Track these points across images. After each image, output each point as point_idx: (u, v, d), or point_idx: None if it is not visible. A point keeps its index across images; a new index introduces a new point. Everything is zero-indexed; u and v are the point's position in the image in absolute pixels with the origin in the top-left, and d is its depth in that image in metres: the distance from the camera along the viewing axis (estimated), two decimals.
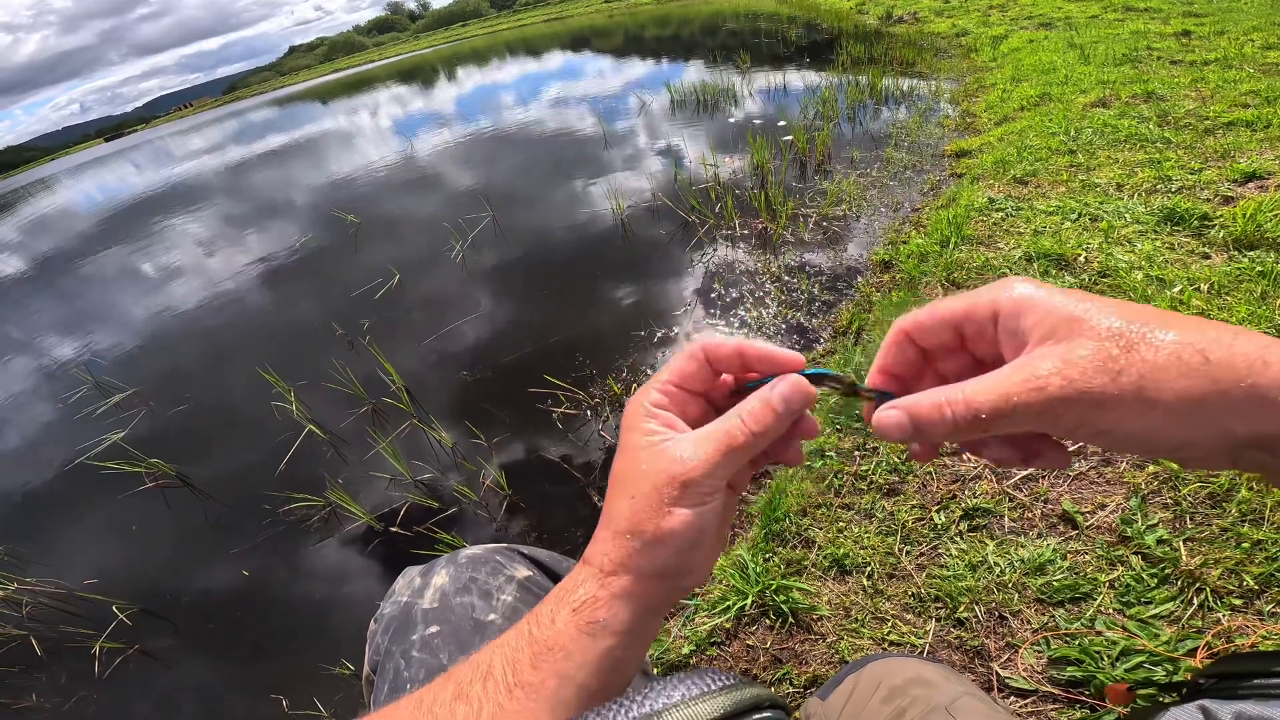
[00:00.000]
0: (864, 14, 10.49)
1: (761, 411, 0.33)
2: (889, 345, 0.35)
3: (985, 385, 0.29)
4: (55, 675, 1.87)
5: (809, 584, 1.27)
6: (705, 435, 0.33)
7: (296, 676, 1.64)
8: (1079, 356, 0.27)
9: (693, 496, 0.32)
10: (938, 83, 5.09)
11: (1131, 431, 0.27)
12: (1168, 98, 3.08)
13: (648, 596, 0.33)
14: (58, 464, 2.97)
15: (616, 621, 0.32)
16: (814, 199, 3.40)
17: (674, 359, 0.36)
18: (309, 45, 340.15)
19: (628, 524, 0.33)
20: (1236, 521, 1.08)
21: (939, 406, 0.30)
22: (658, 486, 0.32)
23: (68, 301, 5.99)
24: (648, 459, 0.33)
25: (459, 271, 3.79)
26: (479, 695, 0.31)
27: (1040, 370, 0.27)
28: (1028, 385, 0.27)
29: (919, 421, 0.30)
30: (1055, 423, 0.28)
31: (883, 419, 0.32)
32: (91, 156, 55.55)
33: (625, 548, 0.32)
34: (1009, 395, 0.28)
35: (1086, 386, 0.26)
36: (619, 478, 0.34)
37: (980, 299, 0.32)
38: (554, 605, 0.33)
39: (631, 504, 0.33)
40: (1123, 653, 0.96)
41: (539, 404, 2.32)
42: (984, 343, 0.32)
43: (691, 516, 0.32)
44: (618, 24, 24.91)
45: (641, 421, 0.35)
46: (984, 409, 0.28)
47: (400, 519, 2.00)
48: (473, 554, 0.69)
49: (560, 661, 0.31)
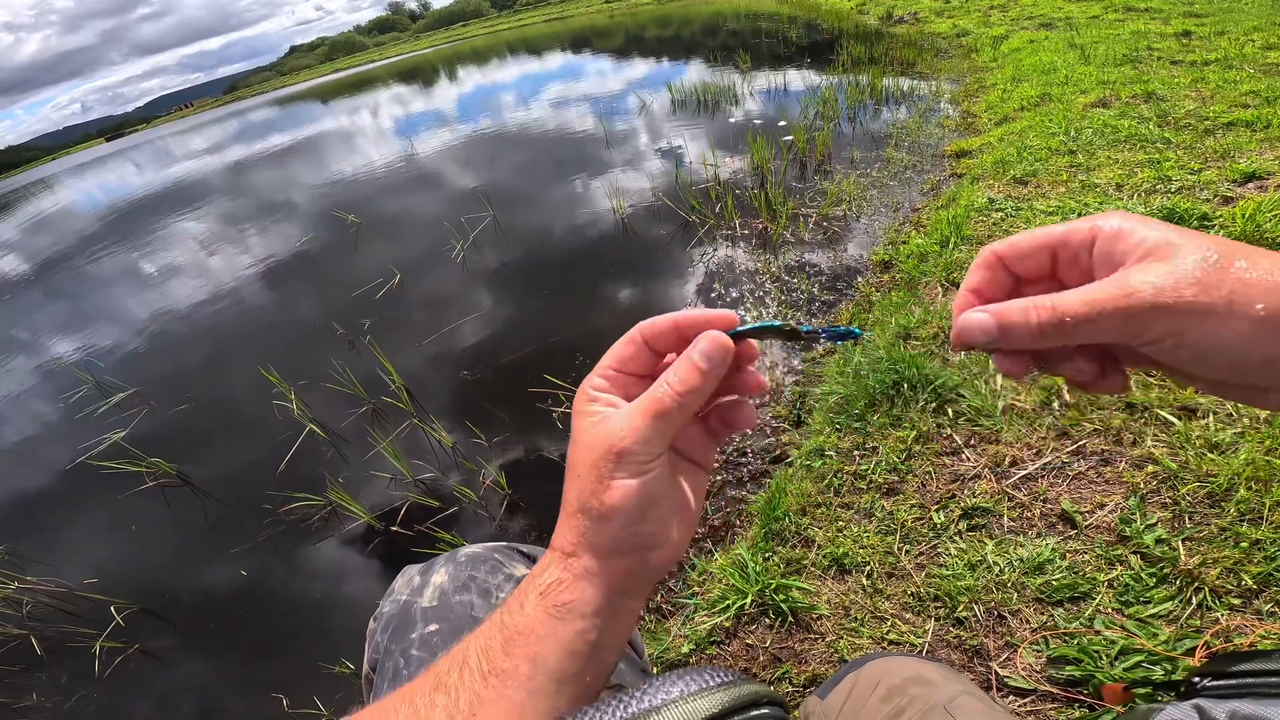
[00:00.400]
0: (864, 14, 10.49)
1: (686, 371, 0.33)
2: (978, 267, 0.35)
3: (1074, 294, 0.30)
4: (55, 674, 1.87)
5: (808, 583, 1.27)
6: (634, 404, 0.34)
7: (296, 676, 1.64)
8: (1173, 270, 0.28)
9: (629, 466, 0.32)
10: (938, 83, 5.09)
11: (1217, 344, 0.27)
12: (1168, 98, 3.08)
13: (610, 575, 0.33)
14: (58, 463, 2.97)
15: (583, 603, 0.32)
16: (814, 199, 3.40)
17: (614, 346, 0.37)
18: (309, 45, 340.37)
19: (576, 503, 0.33)
20: (1235, 521, 1.08)
21: (1025, 310, 0.30)
22: (594, 462, 0.33)
23: (69, 301, 5.99)
24: (587, 438, 0.34)
25: (460, 271, 3.79)
26: (455, 684, 0.31)
27: (1132, 281, 0.28)
28: (1118, 293, 0.28)
29: (1004, 322, 0.31)
30: (1141, 331, 0.28)
31: (968, 320, 0.32)
32: (92, 156, 55.60)
33: (578, 527, 0.33)
34: (1097, 302, 0.29)
35: (1178, 296, 0.27)
36: (568, 463, 0.35)
37: (1079, 225, 0.32)
38: (523, 591, 0.34)
39: (577, 483, 0.33)
40: (1121, 652, 0.96)
41: (539, 403, 2.32)
42: (1076, 270, 0.33)
43: (633, 485, 0.32)
44: (618, 24, 24.92)
45: (584, 406, 0.35)
46: (1070, 313, 0.29)
47: (400, 518, 2.00)
48: (472, 552, 0.70)
49: (531, 646, 0.31)
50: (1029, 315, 0.30)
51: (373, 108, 17.11)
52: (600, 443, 0.33)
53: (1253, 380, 0.28)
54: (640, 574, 0.34)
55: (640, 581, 0.34)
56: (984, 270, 0.35)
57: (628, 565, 0.33)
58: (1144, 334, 0.28)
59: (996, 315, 0.31)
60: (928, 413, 1.56)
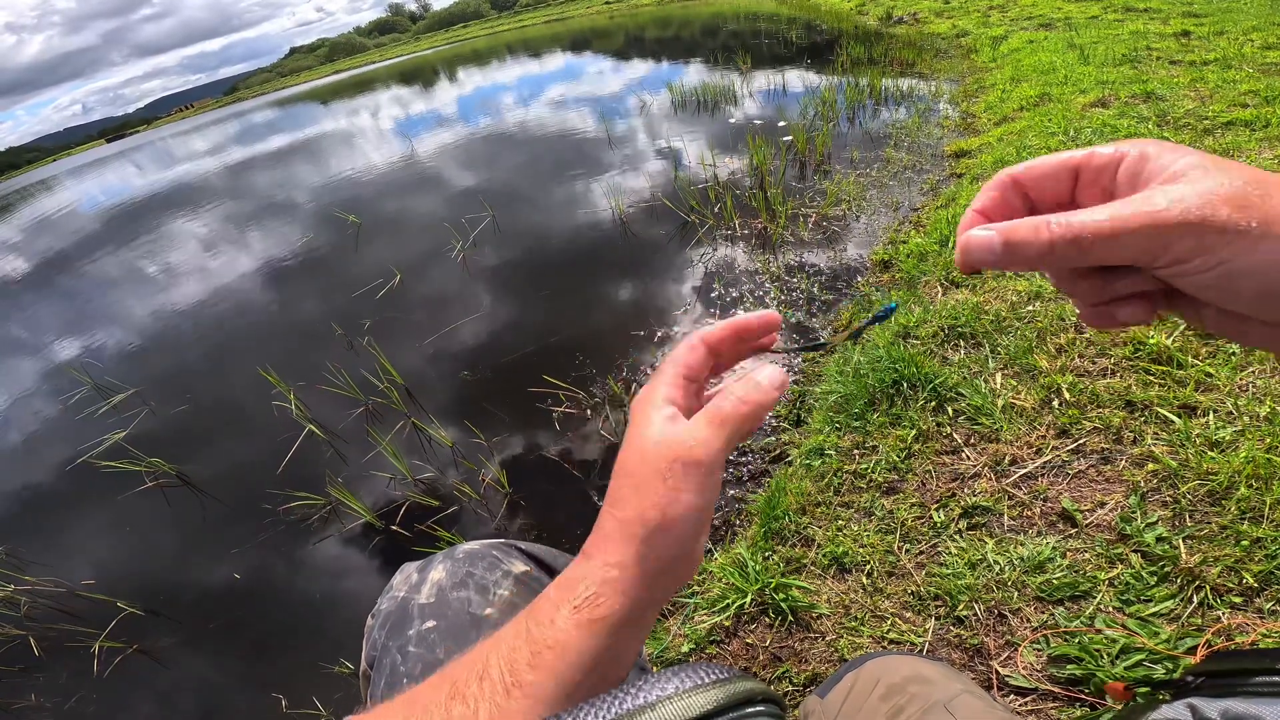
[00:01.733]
0: (864, 15, 10.49)
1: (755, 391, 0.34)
2: (990, 188, 0.33)
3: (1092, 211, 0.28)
4: (54, 675, 1.87)
5: (808, 582, 1.27)
6: (701, 416, 0.33)
7: (296, 675, 1.64)
8: (1203, 190, 0.26)
9: (696, 477, 0.32)
10: (937, 83, 5.09)
11: (1249, 266, 0.25)
12: (1167, 98, 3.08)
13: (650, 588, 0.32)
14: (58, 464, 2.97)
15: (617, 618, 0.31)
16: (814, 199, 3.40)
17: (678, 352, 0.37)
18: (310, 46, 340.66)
19: (634, 512, 0.32)
20: (1236, 519, 1.08)
21: (1035, 227, 0.28)
22: (660, 471, 0.32)
23: (69, 302, 5.99)
24: (651, 446, 0.33)
25: (460, 271, 3.79)
26: (475, 695, 0.31)
27: (1158, 198, 0.27)
28: (1142, 209, 0.27)
29: (1010, 239, 0.29)
30: (1165, 249, 0.26)
31: (972, 238, 0.30)
32: (93, 158, 55.64)
33: (631, 538, 0.32)
34: (1121, 217, 0.27)
35: (1210, 214, 0.25)
36: (624, 468, 0.34)
37: (1105, 147, 0.31)
38: (554, 603, 0.33)
39: (636, 492, 0.32)
40: (1122, 651, 0.96)
41: (539, 403, 2.32)
42: (1097, 191, 0.31)
43: (696, 500, 0.32)
44: (618, 25, 24.94)
45: (651, 411, 0.34)
46: (1087, 230, 0.27)
47: (400, 517, 2.00)
48: (470, 549, 0.69)
49: (559, 661, 0.31)
50: (1039, 232, 0.28)
51: (373, 109, 17.13)
52: (668, 451, 0.32)
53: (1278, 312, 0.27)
54: (670, 586, 0.34)
55: (668, 593, 0.34)
56: (995, 191, 0.33)
57: (667, 579, 0.33)
58: (1168, 252, 0.26)
59: (1003, 233, 0.29)
60: (927, 411, 1.56)
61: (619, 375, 2.37)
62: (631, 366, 2.42)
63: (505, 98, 11.74)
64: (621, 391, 2.27)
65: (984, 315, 1.84)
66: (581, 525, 1.81)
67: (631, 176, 4.74)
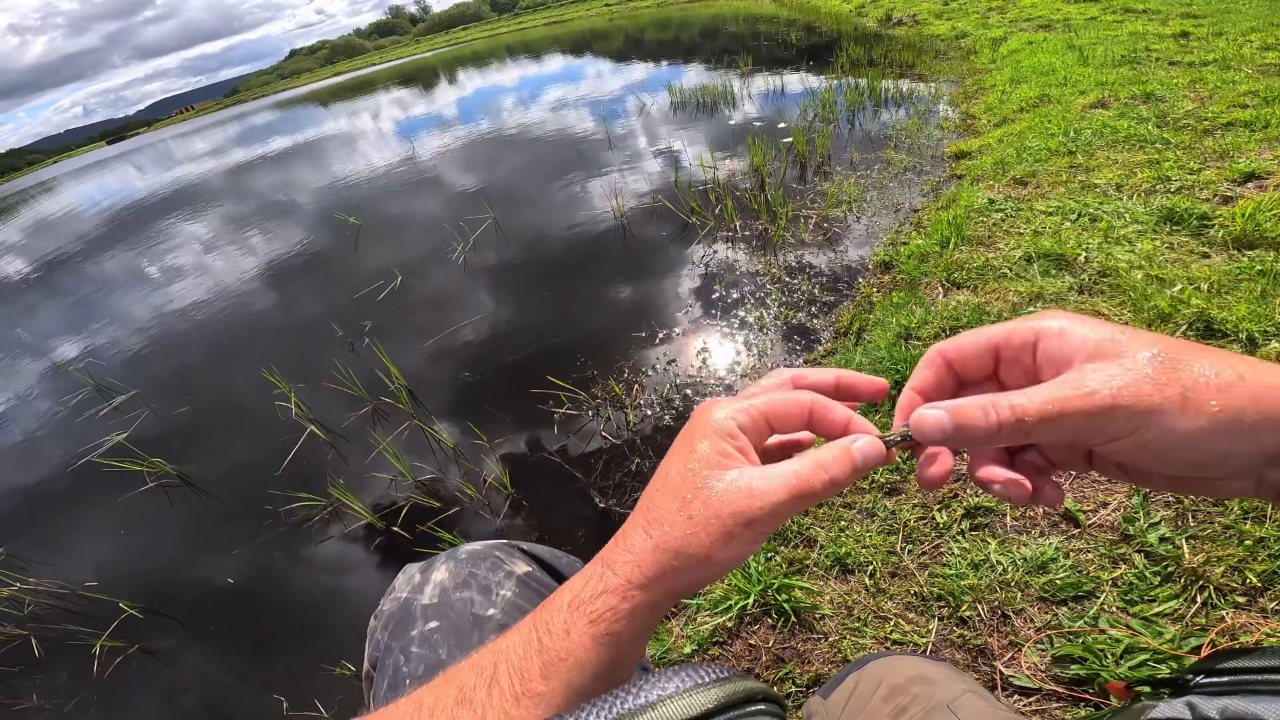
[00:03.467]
0: (863, 17, 10.51)
1: (842, 462, 0.32)
2: (924, 367, 0.36)
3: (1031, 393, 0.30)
4: (55, 675, 1.87)
5: (811, 583, 1.27)
6: (780, 474, 0.31)
7: (297, 677, 1.63)
8: (1126, 369, 0.28)
9: (753, 533, 0.31)
10: (937, 85, 5.10)
11: (1178, 441, 0.28)
12: (1166, 99, 3.08)
13: (666, 609, 0.33)
14: (60, 464, 2.97)
15: (631, 631, 0.32)
16: (814, 200, 3.40)
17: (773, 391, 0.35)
18: (310, 48, 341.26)
19: (677, 542, 0.31)
20: (1239, 519, 1.08)
21: (984, 408, 0.30)
22: (721, 516, 0.31)
23: (70, 303, 5.99)
24: (716, 482, 0.32)
25: (461, 273, 3.79)
26: (484, 702, 0.31)
27: (1087, 381, 0.29)
28: (1077, 393, 0.28)
29: (961, 421, 0.30)
30: (1100, 430, 0.28)
31: (924, 417, 0.31)
32: (94, 159, 55.71)
33: (664, 564, 0.31)
34: (1057, 401, 0.29)
35: (1135, 395, 0.28)
36: (676, 486, 0.32)
37: (1020, 325, 0.33)
38: (568, 614, 0.32)
39: (687, 524, 0.31)
40: (1126, 651, 0.95)
41: (540, 404, 2.32)
42: (1017, 370, 0.33)
43: (745, 551, 0.31)
44: (618, 27, 24.99)
45: (720, 438, 0.33)
46: (1030, 413, 0.29)
47: (402, 518, 2.00)
48: (472, 550, 0.69)
49: (571, 672, 0.31)
50: (988, 414, 0.30)
51: (373, 110, 17.15)
52: (734, 501, 0.31)
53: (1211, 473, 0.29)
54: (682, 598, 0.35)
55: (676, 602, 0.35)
56: (928, 370, 0.35)
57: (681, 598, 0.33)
58: (1103, 433, 0.28)
59: (953, 413, 0.31)
60: None
61: (620, 376, 2.37)
62: (633, 368, 2.42)
63: (505, 100, 11.76)
64: (623, 393, 2.27)
65: (986, 316, 1.84)
66: (583, 526, 1.81)
67: (632, 178, 4.75)
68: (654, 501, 0.33)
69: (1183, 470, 0.29)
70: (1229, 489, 0.30)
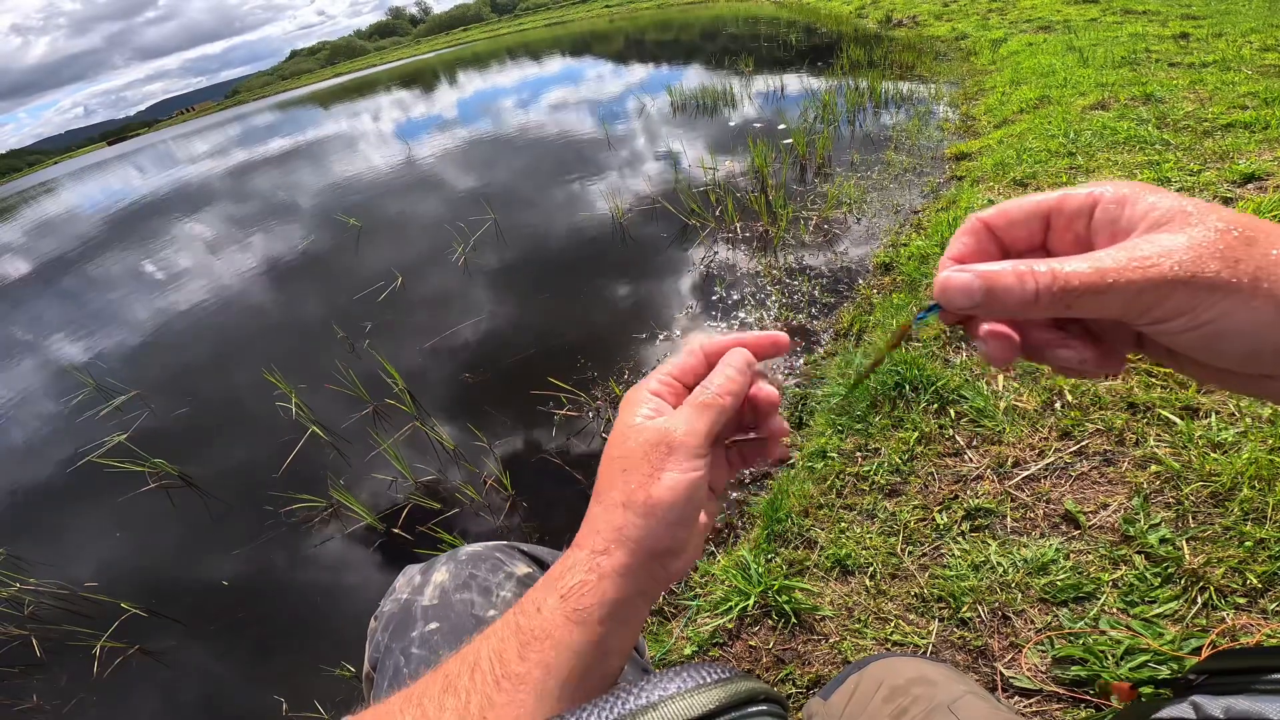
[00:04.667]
0: (863, 18, 10.52)
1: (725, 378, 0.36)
2: (962, 233, 0.32)
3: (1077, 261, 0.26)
4: (55, 676, 1.87)
5: (811, 584, 1.27)
6: (684, 405, 0.35)
7: (297, 677, 1.63)
8: (1194, 241, 0.25)
9: (681, 460, 0.33)
10: (937, 86, 5.10)
11: (1237, 325, 0.25)
12: (1166, 100, 3.08)
13: (639, 577, 0.32)
14: (61, 465, 2.97)
15: (603, 606, 0.32)
16: (814, 202, 3.40)
17: (676, 355, 0.39)
18: (310, 49, 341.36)
19: (622, 495, 0.33)
20: (1239, 520, 1.08)
21: (1019, 274, 0.27)
22: (647, 454, 0.33)
23: (71, 303, 6.00)
24: (638, 432, 0.34)
25: (461, 274, 3.80)
26: (466, 687, 0.31)
27: (1146, 250, 0.25)
28: (1131, 262, 0.25)
29: (992, 285, 0.27)
30: (1154, 306, 0.25)
31: (951, 279, 0.28)
32: (95, 160, 55.74)
33: (616, 521, 0.33)
34: (1107, 270, 0.26)
35: (1201, 270, 0.24)
36: (610, 455, 0.35)
37: (1077, 191, 0.29)
38: (541, 593, 0.33)
39: (624, 476, 0.34)
40: (1127, 652, 0.95)
41: (541, 405, 2.32)
42: (1070, 238, 0.30)
43: (682, 481, 0.33)
44: (618, 29, 25.01)
45: (637, 405, 0.36)
46: (1074, 281, 0.26)
47: (402, 519, 2.00)
48: (473, 551, 0.70)
49: (548, 650, 0.31)
50: (1024, 280, 0.27)
51: (374, 112, 17.17)
52: (655, 435, 0.34)
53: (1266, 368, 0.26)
54: (660, 577, 0.34)
55: (657, 584, 0.34)
56: (968, 237, 0.32)
57: (655, 568, 0.33)
58: (1154, 310, 0.25)
59: (984, 277, 0.27)
60: (929, 414, 1.56)
61: (620, 378, 2.37)
62: (634, 369, 2.41)
63: (505, 101, 11.77)
64: (623, 394, 2.26)
65: None
66: None
67: (632, 179, 4.75)
68: (600, 479, 0.35)
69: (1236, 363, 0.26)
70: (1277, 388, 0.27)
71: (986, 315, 0.29)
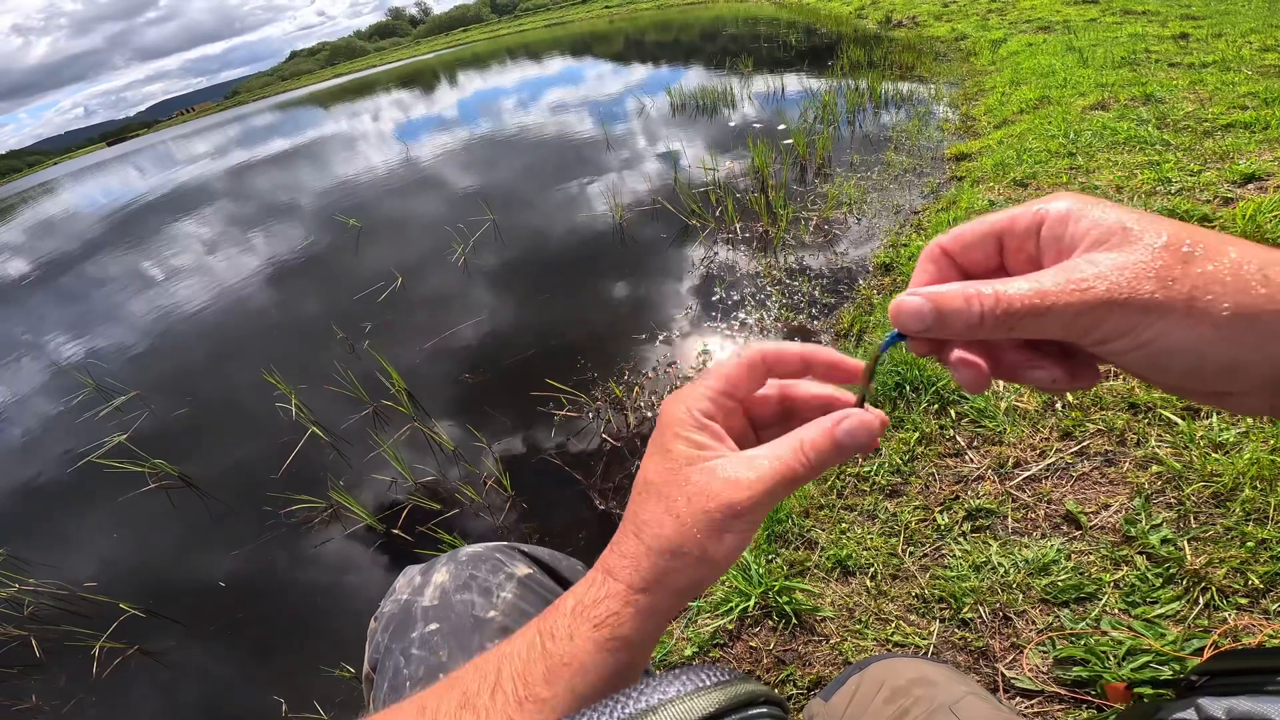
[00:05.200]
0: (863, 19, 10.53)
1: (823, 443, 0.31)
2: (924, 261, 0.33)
3: (1020, 282, 0.27)
4: (54, 676, 1.86)
5: (812, 585, 1.27)
6: (762, 459, 0.31)
7: (297, 678, 1.63)
8: (1130, 261, 0.25)
9: (744, 523, 0.30)
10: (937, 86, 5.10)
11: (1176, 344, 0.25)
12: (1166, 100, 3.09)
13: (672, 611, 0.32)
14: (60, 465, 2.97)
15: (637, 637, 0.31)
16: (814, 202, 3.40)
17: (725, 365, 0.34)
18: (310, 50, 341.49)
19: (670, 543, 0.31)
20: (1240, 521, 1.07)
21: (966, 297, 0.27)
22: (709, 511, 0.30)
23: (71, 303, 6.00)
24: (696, 476, 0.31)
25: (460, 274, 3.79)
26: (487, 706, 0.31)
27: (1084, 272, 0.26)
28: (1069, 285, 0.26)
29: (941, 308, 0.28)
30: (1093, 328, 0.26)
31: (903, 303, 0.29)
32: (95, 161, 55.74)
33: (662, 566, 0.31)
34: (1046, 293, 0.26)
35: (1135, 291, 0.25)
36: (658, 488, 0.32)
37: (1025, 209, 0.30)
38: (571, 620, 0.32)
39: (676, 523, 0.31)
40: (1129, 652, 0.95)
41: (541, 406, 2.32)
42: (1022, 257, 0.30)
43: (739, 542, 0.31)
44: (618, 29, 25.02)
45: (688, 430, 0.32)
46: (1015, 303, 0.26)
47: (402, 520, 2.00)
48: (473, 552, 0.69)
49: (577, 677, 0.31)
50: (970, 302, 0.27)
51: (374, 112, 17.17)
52: (719, 494, 0.30)
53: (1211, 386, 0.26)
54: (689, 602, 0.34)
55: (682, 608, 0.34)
56: (930, 264, 0.33)
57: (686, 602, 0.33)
58: (1093, 332, 0.26)
59: (933, 299, 0.28)
60: (930, 414, 1.56)
61: (620, 378, 2.37)
62: (633, 369, 2.41)
63: (505, 102, 11.78)
64: (623, 394, 2.26)
65: None
66: (584, 528, 1.80)
67: (632, 179, 4.75)
68: (640, 507, 0.32)
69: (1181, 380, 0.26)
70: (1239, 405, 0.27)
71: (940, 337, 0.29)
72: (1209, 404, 0.29)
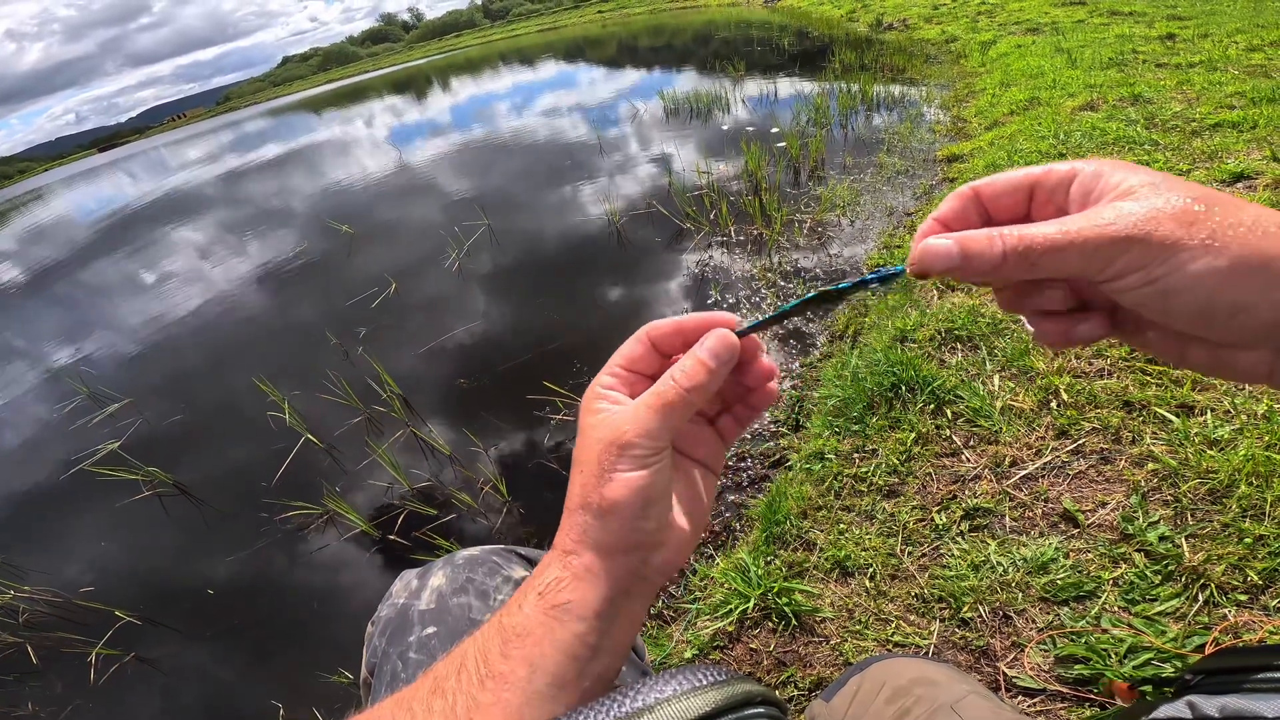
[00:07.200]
0: (854, 22, 10.60)
1: (693, 367, 0.33)
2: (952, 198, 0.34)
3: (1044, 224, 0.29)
4: (51, 683, 1.85)
5: (811, 586, 1.26)
6: (639, 399, 0.34)
7: (294, 684, 1.62)
8: (1152, 204, 0.27)
9: (632, 459, 0.32)
10: (928, 89, 5.14)
11: (1189, 281, 0.26)
12: (1154, 100, 3.11)
13: (612, 574, 0.32)
14: (54, 471, 2.94)
15: (581, 603, 0.31)
16: (808, 204, 3.41)
17: (623, 345, 0.37)
18: (303, 56, 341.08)
19: (579, 498, 0.33)
20: (1238, 517, 1.08)
21: (990, 237, 0.29)
22: (598, 455, 0.32)
23: (63, 311, 5.96)
24: (593, 432, 0.33)
25: (455, 279, 3.79)
26: (453, 688, 0.31)
27: (1105, 214, 0.27)
28: (1090, 223, 0.27)
29: (967, 249, 0.30)
30: (1109, 264, 0.27)
31: (931, 245, 0.31)
32: (86, 167, 55.43)
33: (579, 523, 0.32)
34: (1069, 231, 0.28)
35: (1153, 229, 0.26)
36: (573, 459, 0.35)
37: (1060, 165, 0.32)
38: (523, 592, 0.33)
39: (580, 478, 0.33)
40: (1130, 650, 0.95)
41: (537, 410, 2.31)
42: (1051, 209, 0.32)
43: (634, 479, 0.31)
44: (611, 34, 25.10)
45: (594, 403, 0.35)
46: (1036, 242, 0.28)
47: (398, 526, 1.99)
48: (470, 555, 0.69)
49: (529, 648, 0.30)
50: (994, 243, 0.29)
51: (367, 117, 17.15)
52: (605, 435, 0.32)
53: (1218, 332, 0.27)
54: (642, 574, 0.33)
55: (642, 582, 0.33)
56: (957, 202, 0.34)
57: (629, 564, 0.32)
58: (1111, 266, 0.27)
59: (960, 241, 0.30)
60: (926, 414, 1.56)
61: None
62: None
63: (499, 106, 11.79)
64: None
65: (980, 318, 1.85)
66: None
67: (626, 183, 4.76)
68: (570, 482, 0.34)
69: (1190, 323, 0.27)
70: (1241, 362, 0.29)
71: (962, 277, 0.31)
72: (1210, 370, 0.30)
